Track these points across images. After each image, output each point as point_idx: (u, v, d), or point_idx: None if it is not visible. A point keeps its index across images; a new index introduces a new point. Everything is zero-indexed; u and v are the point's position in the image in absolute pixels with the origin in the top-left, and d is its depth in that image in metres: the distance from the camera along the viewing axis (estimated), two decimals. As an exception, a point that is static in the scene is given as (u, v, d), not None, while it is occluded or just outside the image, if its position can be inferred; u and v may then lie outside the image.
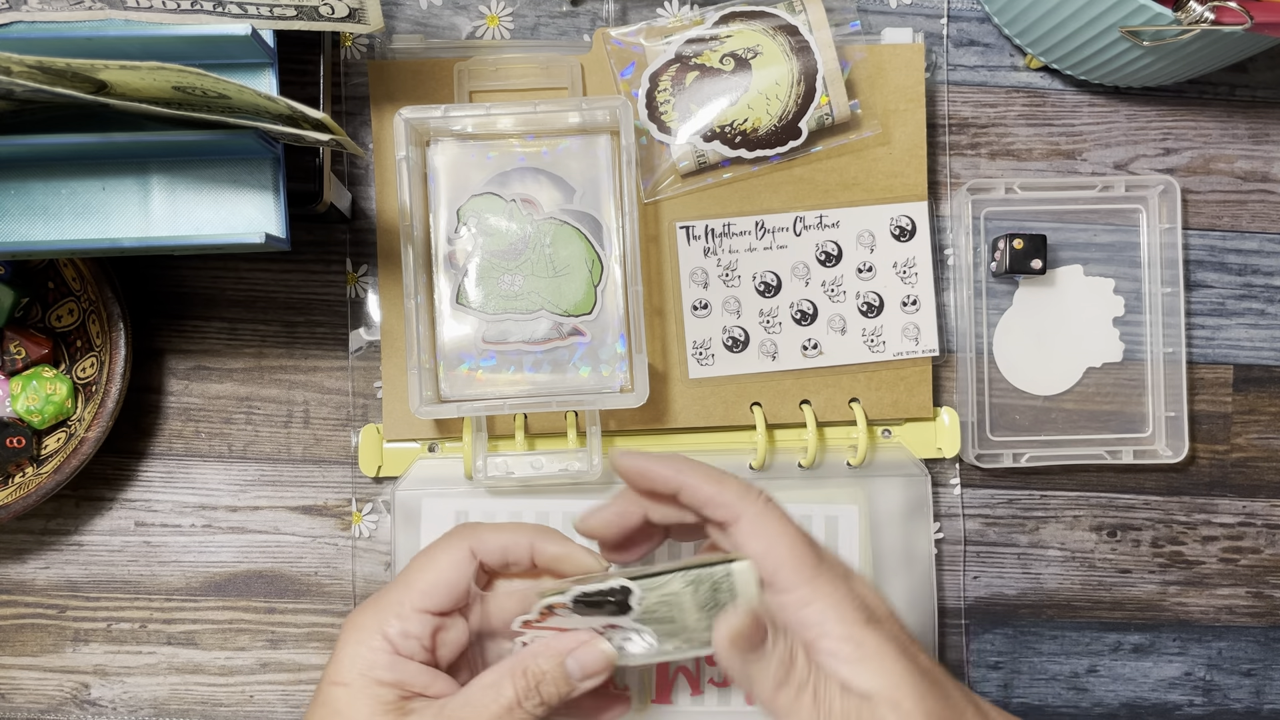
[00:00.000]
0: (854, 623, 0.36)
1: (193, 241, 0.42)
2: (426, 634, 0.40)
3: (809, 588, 0.37)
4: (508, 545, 0.41)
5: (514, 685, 0.39)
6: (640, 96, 0.51)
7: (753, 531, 0.38)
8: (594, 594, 0.38)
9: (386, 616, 0.40)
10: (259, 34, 0.42)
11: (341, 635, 0.40)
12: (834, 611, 0.37)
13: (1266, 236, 0.56)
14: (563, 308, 0.51)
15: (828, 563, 0.38)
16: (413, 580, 0.40)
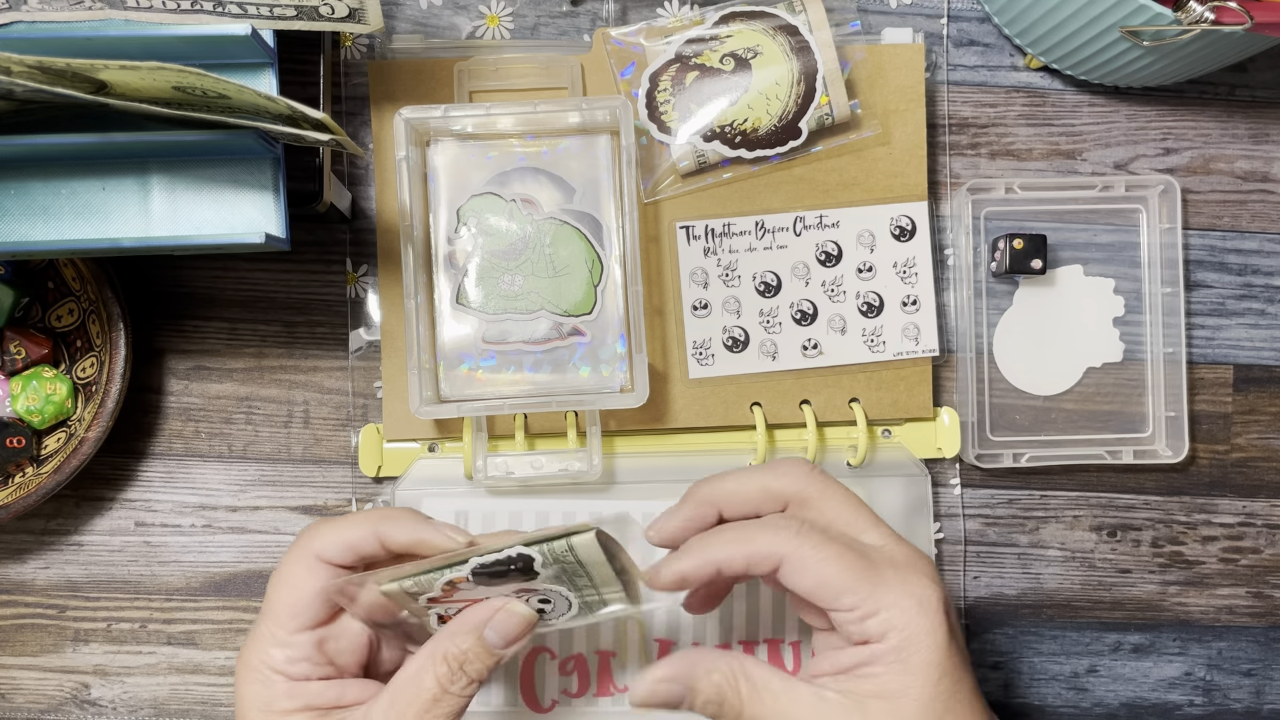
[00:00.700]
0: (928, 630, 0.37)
1: (193, 241, 0.42)
2: (313, 650, 0.39)
3: (870, 602, 0.37)
4: (352, 541, 0.40)
5: (434, 673, 0.38)
6: (640, 96, 0.51)
7: (797, 571, 0.37)
8: (492, 565, 0.37)
9: (265, 648, 0.39)
10: (259, 34, 0.42)
11: (236, 679, 0.40)
12: (900, 617, 0.37)
13: (1266, 236, 0.56)
14: (563, 308, 0.51)
15: (882, 565, 0.38)
16: (273, 605, 0.40)
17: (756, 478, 0.41)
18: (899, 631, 0.37)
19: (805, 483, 0.40)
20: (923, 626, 0.37)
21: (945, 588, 0.38)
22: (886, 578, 0.37)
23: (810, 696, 0.37)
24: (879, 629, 0.37)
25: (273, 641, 0.39)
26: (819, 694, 0.37)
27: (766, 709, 0.38)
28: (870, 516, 0.40)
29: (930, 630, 0.37)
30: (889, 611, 0.37)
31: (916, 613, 0.37)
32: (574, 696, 0.51)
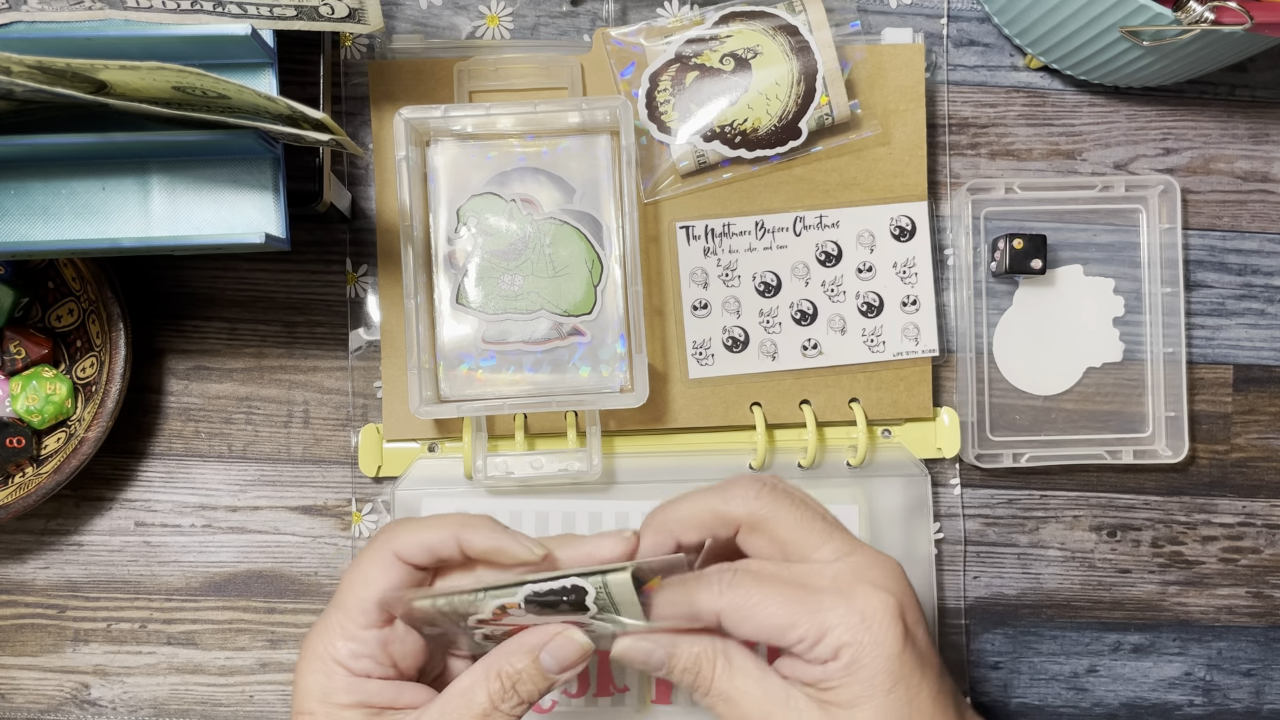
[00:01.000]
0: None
1: (193, 241, 0.42)
2: (377, 649, 0.39)
3: (815, 629, 0.37)
4: (432, 543, 0.40)
5: (487, 689, 0.38)
6: (640, 96, 0.51)
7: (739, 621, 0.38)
8: (545, 594, 0.37)
9: (332, 640, 0.39)
10: (259, 34, 0.42)
11: (298, 665, 0.40)
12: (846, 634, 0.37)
13: (1266, 236, 0.56)
14: (563, 308, 0.51)
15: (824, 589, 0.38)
16: (345, 598, 0.40)
17: (707, 501, 0.41)
18: (848, 648, 0.37)
19: (754, 505, 0.40)
20: (869, 640, 0.37)
21: (905, 591, 0.39)
22: (828, 601, 0.38)
23: (781, 691, 0.38)
24: (829, 650, 0.37)
25: (340, 634, 0.39)
26: (789, 691, 0.38)
27: (737, 691, 0.39)
28: (822, 530, 0.40)
29: (877, 642, 0.37)
30: (834, 632, 0.37)
31: (860, 628, 0.37)
32: (574, 696, 0.51)
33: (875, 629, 0.37)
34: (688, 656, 0.39)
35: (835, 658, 0.37)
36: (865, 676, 0.37)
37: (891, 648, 0.37)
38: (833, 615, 0.37)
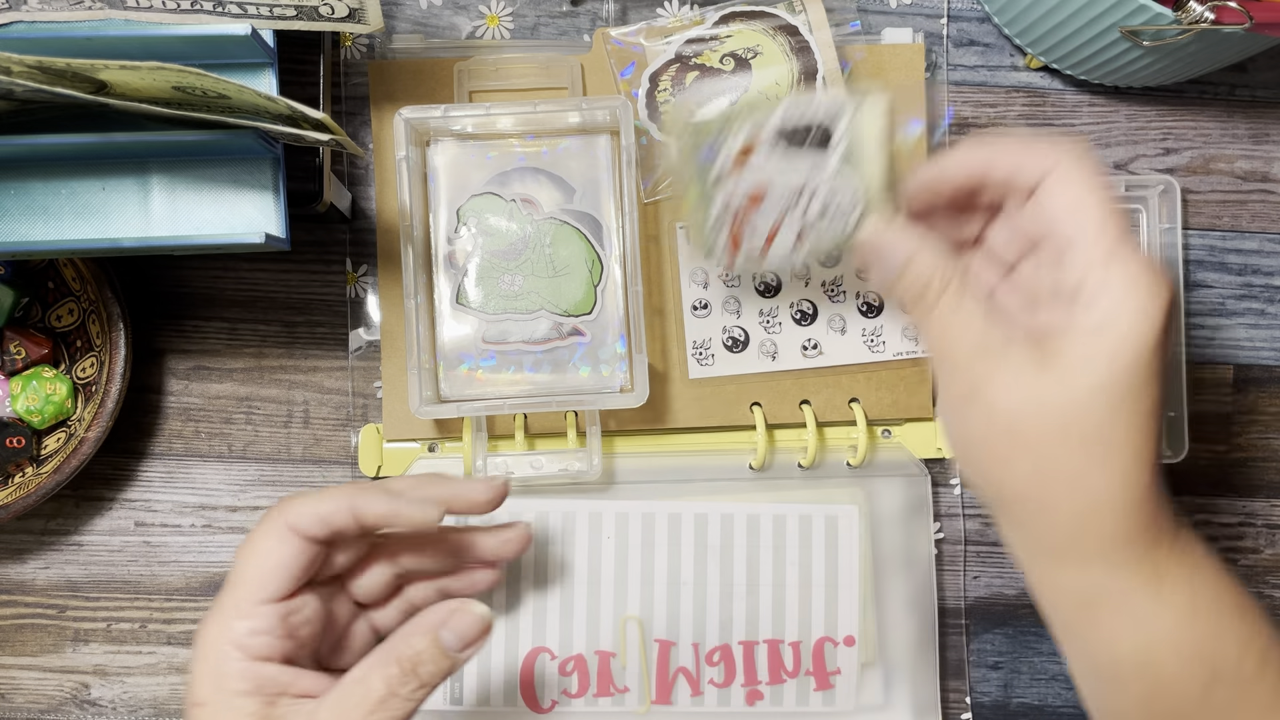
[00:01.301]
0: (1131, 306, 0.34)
1: (193, 241, 0.42)
2: (276, 623, 0.38)
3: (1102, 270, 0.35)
4: (326, 514, 0.39)
5: (384, 675, 0.37)
6: (640, 96, 0.51)
7: (1061, 186, 0.36)
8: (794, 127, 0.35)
9: (227, 622, 0.38)
10: (259, 34, 0.42)
11: (192, 655, 0.39)
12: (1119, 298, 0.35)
13: (1266, 236, 0.56)
14: (563, 308, 0.51)
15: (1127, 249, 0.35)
16: (242, 575, 0.39)
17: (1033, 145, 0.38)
18: (1106, 309, 0.35)
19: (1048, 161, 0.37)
20: (1133, 315, 0.35)
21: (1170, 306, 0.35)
22: (1127, 253, 0.35)
23: (1001, 337, 0.36)
24: (1089, 296, 0.35)
25: (236, 613, 0.38)
26: (1009, 340, 0.36)
27: (958, 323, 0.37)
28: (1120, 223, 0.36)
29: (1139, 324, 0.35)
30: (1108, 285, 0.35)
31: (1133, 297, 0.35)
32: (574, 697, 0.51)
33: (1143, 311, 0.35)
34: (924, 268, 0.37)
35: (1088, 308, 0.35)
36: (1105, 347, 0.35)
37: (1146, 340, 0.35)
38: (1119, 269, 0.35)
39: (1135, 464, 0.36)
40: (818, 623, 0.52)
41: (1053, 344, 0.36)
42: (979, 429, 0.37)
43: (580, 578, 0.52)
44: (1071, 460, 0.36)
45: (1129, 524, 0.36)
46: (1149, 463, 0.36)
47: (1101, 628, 0.37)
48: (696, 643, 0.52)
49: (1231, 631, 0.37)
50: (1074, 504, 0.37)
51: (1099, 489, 0.36)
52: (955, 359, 0.37)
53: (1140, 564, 0.37)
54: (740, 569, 0.52)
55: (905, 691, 0.53)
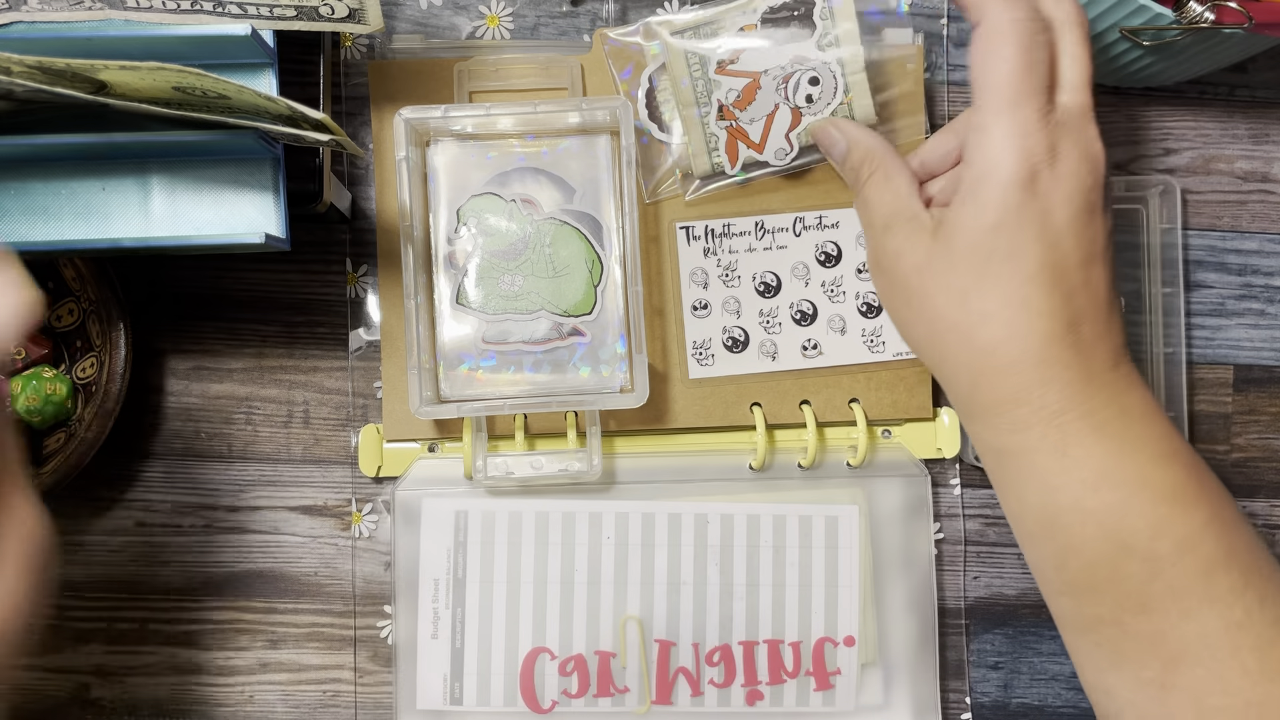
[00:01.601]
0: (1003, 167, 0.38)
1: (193, 241, 0.42)
2: None
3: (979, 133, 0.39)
4: None
5: None
6: (640, 97, 0.51)
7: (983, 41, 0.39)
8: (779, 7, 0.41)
9: None
10: (259, 34, 0.42)
11: None
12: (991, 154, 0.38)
13: (1266, 236, 0.56)
14: (563, 308, 0.51)
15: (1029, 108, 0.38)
16: None
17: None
18: (981, 163, 0.38)
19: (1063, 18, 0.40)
20: (1002, 169, 0.38)
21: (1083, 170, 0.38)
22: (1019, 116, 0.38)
23: (910, 211, 0.41)
24: (972, 152, 0.39)
25: None
26: (918, 212, 0.41)
27: (877, 198, 0.42)
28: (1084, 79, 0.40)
29: (1006, 179, 0.38)
30: (986, 139, 0.38)
31: (1005, 153, 0.38)
32: (574, 697, 0.51)
33: (1010, 164, 0.38)
34: (861, 153, 0.44)
35: (970, 165, 0.39)
36: (978, 201, 0.38)
37: (1010, 192, 0.38)
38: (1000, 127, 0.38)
39: (1022, 321, 0.38)
40: (818, 623, 0.52)
41: (946, 210, 0.40)
42: (886, 294, 0.42)
43: (580, 578, 0.52)
44: (957, 319, 0.39)
45: (1021, 382, 0.38)
46: (1043, 319, 0.38)
47: (1013, 483, 0.40)
48: (696, 643, 0.52)
49: (1142, 511, 0.37)
50: (968, 363, 0.40)
51: (985, 347, 0.39)
52: (871, 231, 0.43)
53: (1045, 426, 0.38)
54: (740, 569, 0.52)
55: (905, 691, 0.53)
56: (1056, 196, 0.38)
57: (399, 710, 0.51)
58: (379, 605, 0.53)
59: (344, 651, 0.53)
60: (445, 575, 0.51)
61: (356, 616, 0.53)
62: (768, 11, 0.45)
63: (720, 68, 0.48)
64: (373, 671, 0.53)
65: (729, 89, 0.48)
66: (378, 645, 0.53)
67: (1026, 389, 0.38)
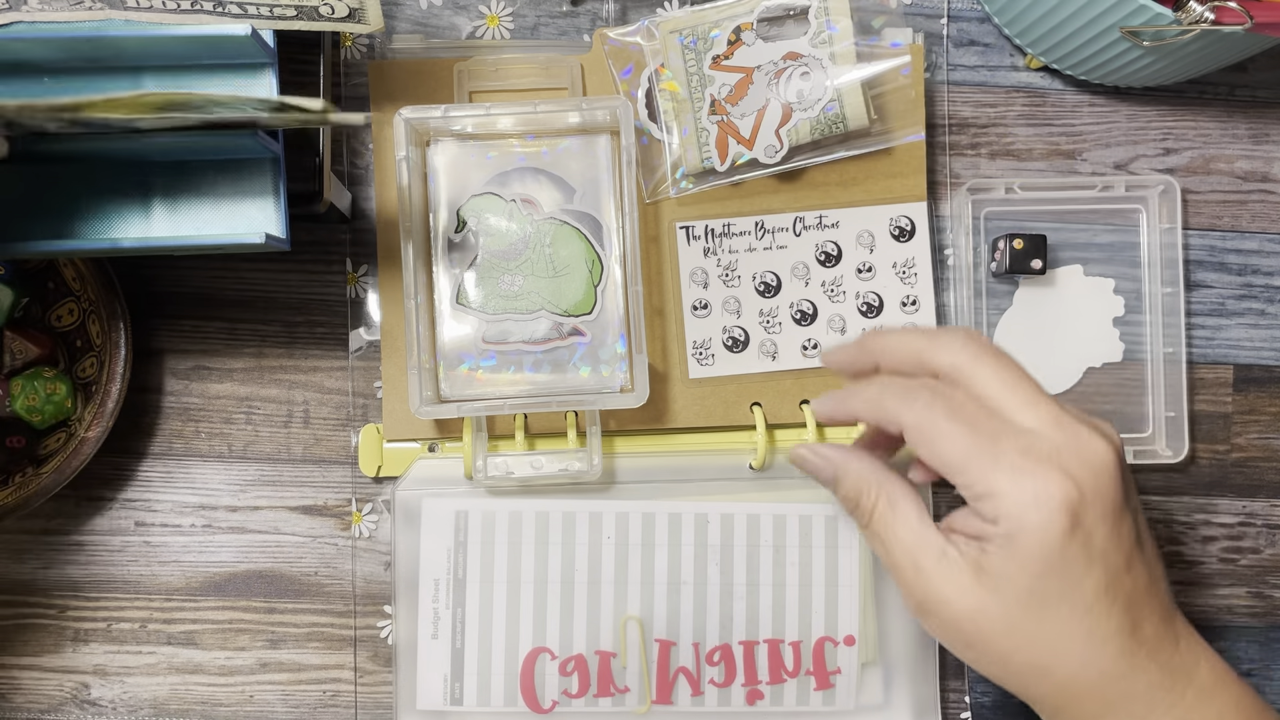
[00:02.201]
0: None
1: (193, 242, 0.42)
2: None
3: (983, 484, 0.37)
4: None
5: None
6: (640, 97, 0.51)
7: (918, 442, 0.39)
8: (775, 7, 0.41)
9: None
10: (259, 34, 0.42)
11: None
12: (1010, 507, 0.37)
13: (1266, 236, 0.56)
14: (563, 308, 0.51)
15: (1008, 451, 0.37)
16: None
17: (915, 342, 0.41)
18: (1007, 519, 0.37)
19: (959, 357, 0.39)
20: (1033, 521, 0.37)
21: (1096, 482, 0.37)
22: (1006, 464, 0.37)
23: (937, 545, 0.39)
24: (991, 512, 0.37)
25: None
26: (944, 548, 0.39)
27: (890, 535, 0.40)
28: (1026, 394, 0.38)
29: (1041, 526, 0.37)
30: (1000, 500, 0.37)
31: (1030, 506, 0.37)
32: (574, 697, 0.51)
33: (1043, 512, 0.37)
34: (853, 483, 0.41)
35: (995, 523, 0.37)
36: (1018, 556, 0.37)
37: (1051, 537, 0.37)
38: (1005, 482, 0.37)
39: (1094, 649, 0.38)
40: (818, 622, 0.52)
41: (981, 553, 0.38)
42: (943, 637, 0.40)
43: (580, 578, 0.52)
44: (1028, 661, 0.39)
45: (1106, 699, 0.38)
46: (1112, 641, 0.38)
47: None
48: (697, 642, 0.52)
49: None
50: (1048, 695, 0.40)
51: (1062, 681, 0.39)
52: (899, 572, 0.40)
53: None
54: (740, 569, 0.52)
55: (905, 691, 0.53)
56: (1090, 522, 0.37)
57: (399, 710, 0.51)
58: (379, 605, 0.53)
59: (344, 651, 0.53)
60: (445, 575, 0.51)
61: (356, 616, 0.53)
62: (765, 10, 0.45)
63: (715, 63, 0.48)
64: (373, 671, 0.53)
65: (722, 84, 0.48)
66: (378, 645, 0.53)
67: (1113, 702, 0.39)
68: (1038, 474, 0.37)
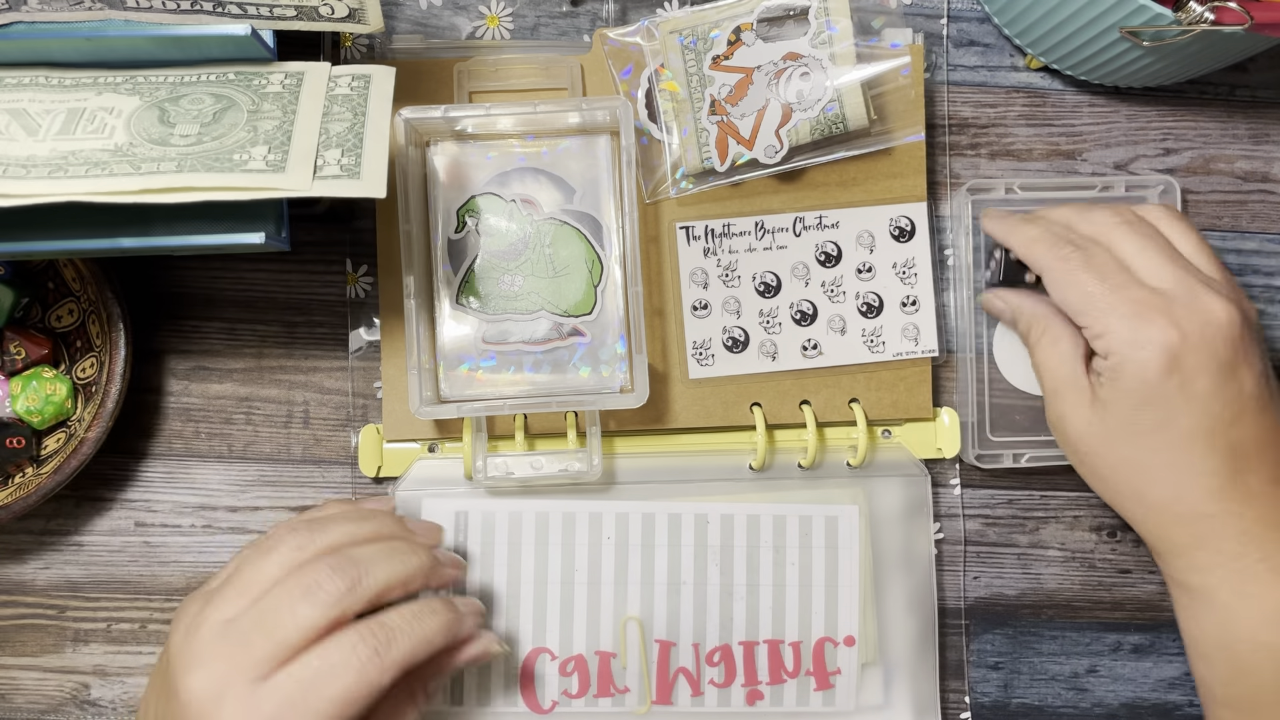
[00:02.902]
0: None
1: (193, 242, 0.42)
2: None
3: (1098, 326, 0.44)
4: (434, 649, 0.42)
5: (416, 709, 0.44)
6: (640, 97, 0.51)
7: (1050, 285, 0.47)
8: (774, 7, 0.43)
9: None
10: (259, 34, 0.42)
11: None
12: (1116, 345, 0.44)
13: (1266, 236, 0.56)
14: (563, 308, 0.51)
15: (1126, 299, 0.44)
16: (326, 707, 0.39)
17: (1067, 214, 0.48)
18: (1115, 355, 0.44)
19: (1102, 226, 0.47)
20: (1135, 358, 0.43)
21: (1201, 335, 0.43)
22: (1124, 310, 0.44)
23: (1073, 376, 0.46)
24: (1104, 349, 0.44)
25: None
26: (1079, 378, 0.46)
27: (1045, 365, 0.47)
28: (1159, 259, 0.45)
29: (1141, 363, 0.43)
30: (1111, 339, 0.44)
31: (1133, 344, 0.43)
32: (574, 697, 0.51)
33: (1142, 353, 0.43)
34: (1026, 320, 0.49)
35: (1106, 358, 0.44)
36: (1120, 387, 0.44)
37: (1150, 375, 0.43)
38: (1116, 323, 0.44)
39: (1187, 481, 0.44)
40: (818, 623, 0.52)
41: (1098, 384, 0.45)
42: (1066, 450, 0.48)
43: (580, 578, 0.52)
44: (1126, 480, 0.45)
45: (1197, 531, 0.44)
46: (1205, 477, 0.43)
47: (1193, 612, 0.45)
48: (697, 643, 0.52)
49: None
50: (1144, 516, 0.46)
51: (1157, 504, 0.45)
52: (1047, 395, 0.48)
53: (1224, 569, 0.44)
54: (740, 569, 0.52)
55: (905, 691, 0.53)
56: (1190, 367, 0.43)
57: (399, 710, 0.51)
58: (379, 605, 0.53)
59: (344, 651, 0.53)
60: (445, 575, 0.51)
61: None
62: (765, 10, 0.45)
63: (715, 63, 0.48)
64: (373, 671, 0.53)
65: (722, 84, 0.48)
66: (378, 645, 0.53)
67: (1203, 537, 0.44)
68: (1145, 318, 0.43)
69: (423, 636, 0.40)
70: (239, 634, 0.39)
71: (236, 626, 0.39)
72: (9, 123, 0.41)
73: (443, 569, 0.44)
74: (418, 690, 0.44)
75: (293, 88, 0.43)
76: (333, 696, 0.38)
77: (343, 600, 0.39)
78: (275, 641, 0.38)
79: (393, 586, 0.41)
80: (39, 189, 0.38)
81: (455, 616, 0.42)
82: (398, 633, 0.40)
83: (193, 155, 0.40)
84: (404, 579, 0.41)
